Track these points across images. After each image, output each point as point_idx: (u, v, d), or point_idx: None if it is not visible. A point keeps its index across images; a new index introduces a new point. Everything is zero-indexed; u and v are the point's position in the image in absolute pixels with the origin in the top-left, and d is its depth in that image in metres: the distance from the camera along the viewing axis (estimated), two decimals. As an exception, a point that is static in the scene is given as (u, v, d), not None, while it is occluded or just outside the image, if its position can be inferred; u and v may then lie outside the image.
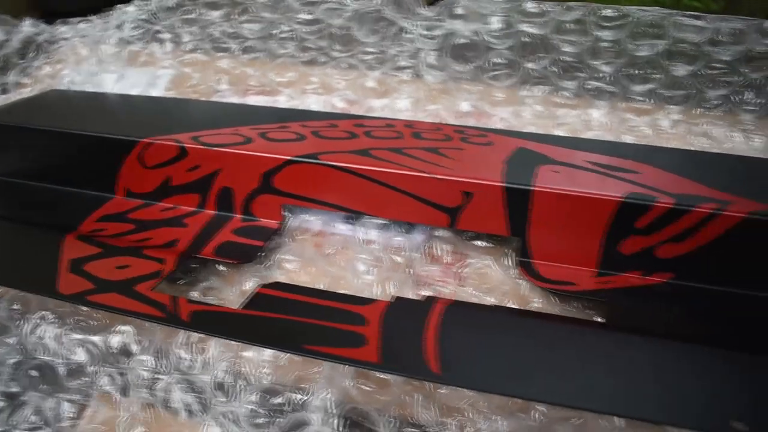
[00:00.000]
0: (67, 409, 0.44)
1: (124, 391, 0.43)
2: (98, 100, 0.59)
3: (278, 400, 0.41)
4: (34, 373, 0.46)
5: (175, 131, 0.51)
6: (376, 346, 0.37)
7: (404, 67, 0.57)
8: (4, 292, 0.48)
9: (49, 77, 0.62)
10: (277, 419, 0.40)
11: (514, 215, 0.44)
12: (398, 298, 0.41)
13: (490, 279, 0.45)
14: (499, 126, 0.54)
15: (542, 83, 0.55)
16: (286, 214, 0.49)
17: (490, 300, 0.43)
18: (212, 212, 0.50)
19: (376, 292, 0.44)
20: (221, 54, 0.60)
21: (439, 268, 0.45)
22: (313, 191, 0.47)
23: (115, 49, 0.61)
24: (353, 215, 0.48)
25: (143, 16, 0.60)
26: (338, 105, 0.57)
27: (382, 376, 0.40)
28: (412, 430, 0.38)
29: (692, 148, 0.51)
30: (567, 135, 0.53)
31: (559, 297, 0.43)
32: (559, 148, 0.47)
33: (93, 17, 0.64)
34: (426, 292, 0.44)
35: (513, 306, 0.43)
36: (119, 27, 0.61)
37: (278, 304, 0.41)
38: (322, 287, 0.44)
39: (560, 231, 0.43)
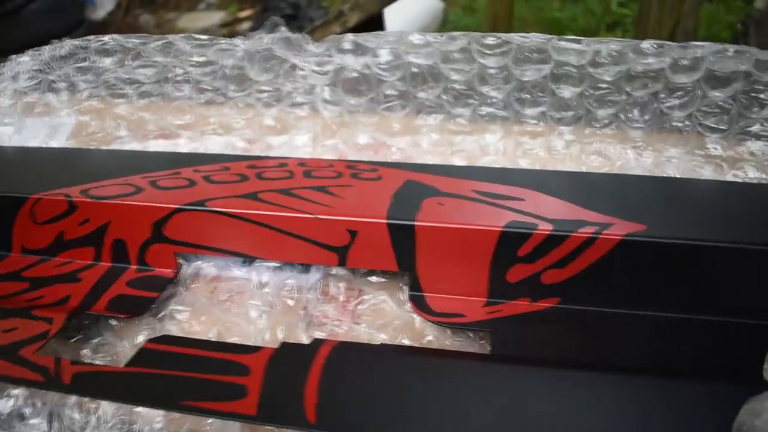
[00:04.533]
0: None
1: (18, 457, 0.43)
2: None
3: (171, 455, 0.40)
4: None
5: (66, 185, 0.50)
6: (256, 397, 0.37)
7: (300, 103, 0.57)
8: None
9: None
10: (170, 476, 0.40)
11: (400, 251, 0.44)
12: (284, 344, 0.41)
13: (384, 315, 0.45)
14: (397, 157, 0.54)
15: (436, 111, 0.55)
16: (180, 261, 0.49)
17: (382, 337, 0.43)
18: (107, 264, 0.50)
19: (266, 338, 0.44)
20: (118, 100, 0.60)
21: (334, 306, 0.45)
22: (204, 238, 0.47)
23: (10, 100, 0.60)
24: (247, 259, 0.48)
25: (36, 67, 0.60)
26: (238, 145, 0.57)
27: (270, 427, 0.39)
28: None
29: (585, 169, 0.52)
30: (463, 162, 0.53)
31: (450, 330, 0.43)
32: (447, 179, 0.48)
33: (-9, 68, 0.63)
34: (320, 333, 0.44)
35: (405, 342, 0.43)
36: (14, 78, 0.60)
37: (163, 359, 0.41)
38: (212, 336, 0.44)
39: (447, 263, 0.44)
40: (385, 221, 0.43)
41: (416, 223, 0.43)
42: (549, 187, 0.47)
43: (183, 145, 0.57)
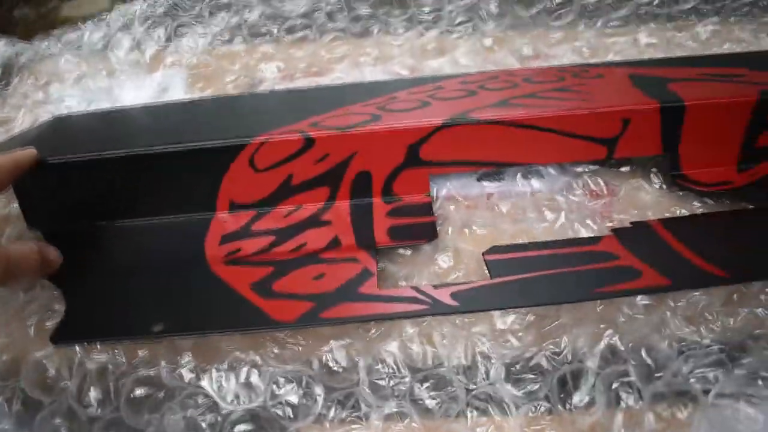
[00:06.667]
0: None
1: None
2: (133, 115, 0.50)
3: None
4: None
5: (287, 123, 0.45)
6: (652, 274, 0.38)
7: (461, 23, 0.55)
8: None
9: (39, 104, 0.51)
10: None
11: (667, 133, 0.45)
12: (620, 229, 0.42)
13: (643, 198, 0.46)
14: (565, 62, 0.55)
15: (596, 16, 0.56)
16: (431, 185, 0.46)
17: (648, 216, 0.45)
18: (347, 203, 0.45)
19: (570, 233, 0.44)
20: (260, 39, 0.54)
21: (602, 200, 0.46)
22: (465, 153, 0.45)
23: (127, 54, 0.52)
24: (498, 169, 0.47)
25: (162, 9, 0.52)
26: (399, 72, 0.54)
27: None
28: None
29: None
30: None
31: (715, 197, 0.46)
32: (669, 68, 0.50)
33: (83, 25, 0.53)
34: (609, 224, 0.44)
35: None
36: (125, 27, 0.52)
37: (517, 265, 0.40)
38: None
39: (706, 138, 0.46)
40: (656, 105, 0.44)
41: (687, 103, 0.44)
42: (755, 64, 0.50)
43: (338, 79, 0.54)
